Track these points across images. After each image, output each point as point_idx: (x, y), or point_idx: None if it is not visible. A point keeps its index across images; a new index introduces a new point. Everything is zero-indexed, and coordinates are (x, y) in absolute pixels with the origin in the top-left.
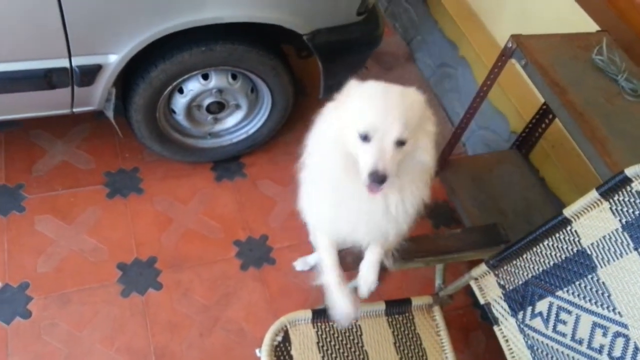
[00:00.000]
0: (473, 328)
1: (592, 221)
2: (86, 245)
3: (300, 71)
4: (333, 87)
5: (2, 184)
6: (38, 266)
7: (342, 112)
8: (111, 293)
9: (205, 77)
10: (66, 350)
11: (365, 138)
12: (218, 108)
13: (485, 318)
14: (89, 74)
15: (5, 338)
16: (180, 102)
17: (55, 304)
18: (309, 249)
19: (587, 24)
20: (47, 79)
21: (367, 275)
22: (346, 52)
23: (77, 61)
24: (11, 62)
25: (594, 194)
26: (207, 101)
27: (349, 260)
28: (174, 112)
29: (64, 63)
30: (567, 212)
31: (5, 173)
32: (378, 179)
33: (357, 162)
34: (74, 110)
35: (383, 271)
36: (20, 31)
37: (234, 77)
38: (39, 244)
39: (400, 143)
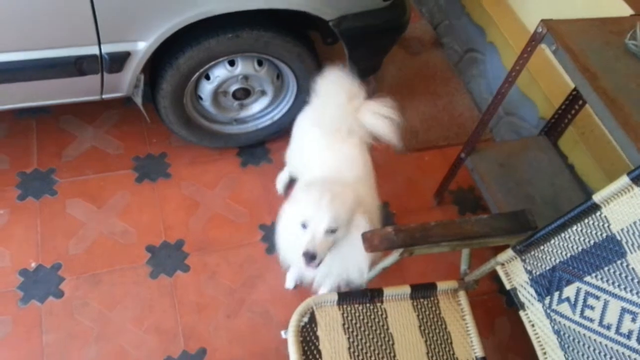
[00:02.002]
0: (498, 314)
1: (623, 207)
2: (116, 228)
3: (326, 57)
4: (359, 73)
5: (34, 169)
6: (70, 248)
7: (293, 209)
8: (140, 274)
9: (232, 63)
10: (97, 329)
11: (303, 226)
12: (244, 94)
13: (510, 304)
14: (118, 60)
15: (39, 316)
16: (206, 89)
17: (87, 285)
18: None
19: (620, 8)
20: (77, 66)
21: None
22: (372, 38)
23: (107, 48)
24: (43, 50)
25: (625, 180)
26: (233, 87)
27: (376, 242)
28: (200, 98)
29: (93, 50)
30: (597, 197)
31: (37, 158)
32: (309, 258)
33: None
34: (104, 96)
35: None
36: (52, 20)
37: (260, 63)
38: (71, 227)
39: (331, 231)
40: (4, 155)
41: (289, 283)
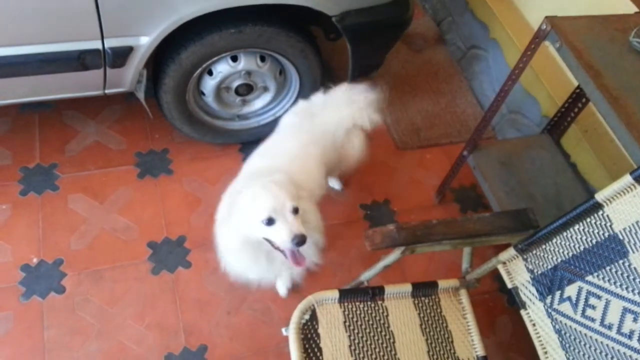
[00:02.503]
0: (499, 313)
1: (625, 206)
2: (117, 224)
3: (328, 54)
4: (361, 69)
5: (37, 164)
6: (71, 243)
7: (236, 218)
8: (142, 271)
9: (235, 59)
10: (98, 325)
11: (269, 222)
12: (246, 90)
13: (511, 303)
14: (121, 55)
15: (40, 312)
16: (209, 84)
17: (88, 280)
18: None
19: (624, 5)
20: (80, 61)
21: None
22: (375, 34)
23: (110, 43)
24: (46, 44)
25: (627, 179)
26: (235, 83)
27: (377, 240)
28: (203, 94)
29: (96, 45)
30: (599, 196)
31: (39, 153)
32: (300, 241)
33: (262, 244)
34: (106, 91)
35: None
36: (55, 14)
37: (263, 59)
38: (72, 222)
39: (296, 210)
40: (6, 150)
41: (282, 290)
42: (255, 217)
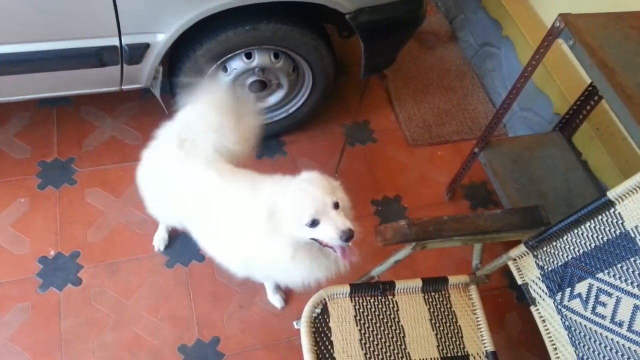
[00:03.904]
0: (509, 309)
1: (637, 204)
2: (133, 217)
3: (341, 51)
4: (374, 67)
5: (55, 158)
6: (88, 236)
7: (280, 228)
8: (156, 264)
9: (249, 56)
10: (114, 316)
11: (314, 223)
12: (260, 87)
13: (521, 300)
14: (138, 52)
15: (57, 303)
16: (223, 81)
17: (104, 273)
18: None
19: (639, 3)
20: (98, 57)
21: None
22: (388, 32)
23: (127, 40)
24: (65, 41)
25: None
26: (249, 80)
27: (389, 235)
28: None
29: (114, 42)
30: (611, 194)
31: (57, 147)
32: (349, 236)
33: (313, 243)
34: (123, 87)
35: None
36: (74, 11)
37: (276, 56)
38: (89, 216)
39: (337, 205)
40: (25, 145)
41: (277, 303)
42: (299, 221)
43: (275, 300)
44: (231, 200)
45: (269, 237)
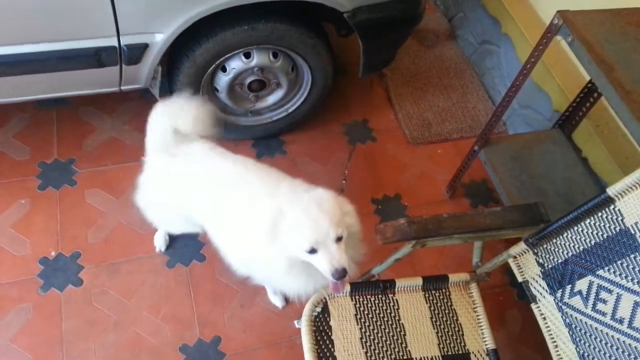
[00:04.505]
0: (509, 307)
1: (637, 200)
2: (133, 218)
3: (340, 50)
4: (373, 66)
5: (55, 159)
6: (89, 237)
7: (279, 242)
8: (157, 264)
9: (247, 55)
10: (115, 316)
11: (312, 251)
12: (259, 86)
13: (521, 297)
14: (137, 52)
15: (59, 304)
16: (223, 80)
17: (105, 273)
18: None
19: None
20: (97, 58)
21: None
22: (387, 30)
23: (126, 40)
24: (63, 42)
25: (639, 173)
26: (248, 79)
27: (389, 234)
28: (216, 90)
29: (113, 42)
30: (611, 190)
31: (57, 148)
32: (341, 276)
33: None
34: (122, 88)
35: None
36: (73, 12)
37: (275, 55)
38: (90, 216)
39: (339, 239)
40: (25, 146)
41: (278, 303)
42: (298, 245)
43: (276, 301)
44: (243, 196)
45: (268, 244)
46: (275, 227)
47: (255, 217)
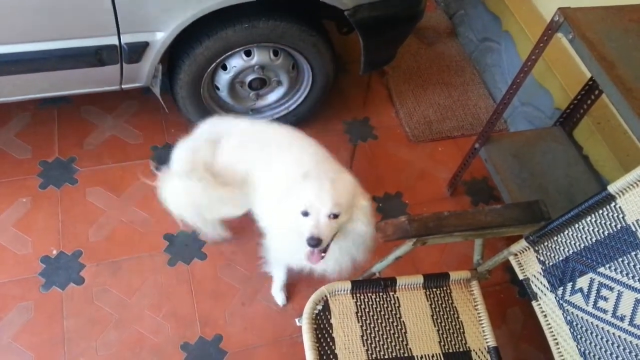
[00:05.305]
0: (510, 304)
1: (638, 198)
2: (135, 216)
3: (341, 47)
4: (374, 63)
5: (56, 158)
6: (90, 235)
7: (287, 200)
8: (158, 262)
9: (248, 53)
10: (116, 315)
11: (305, 214)
12: (260, 84)
13: (522, 295)
14: (137, 51)
15: (60, 302)
16: (223, 79)
17: (107, 272)
18: None
19: None
20: (97, 56)
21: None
22: (388, 28)
23: (126, 39)
24: (64, 41)
25: None
26: (249, 77)
27: (389, 231)
28: (217, 88)
29: (113, 41)
30: (612, 188)
31: (58, 147)
32: (314, 242)
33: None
34: (123, 86)
35: None
36: (73, 10)
37: (276, 53)
38: (91, 215)
39: (334, 216)
40: (26, 144)
41: (280, 299)
42: (297, 204)
43: (278, 297)
44: (280, 162)
45: (278, 203)
46: (292, 187)
47: (278, 181)
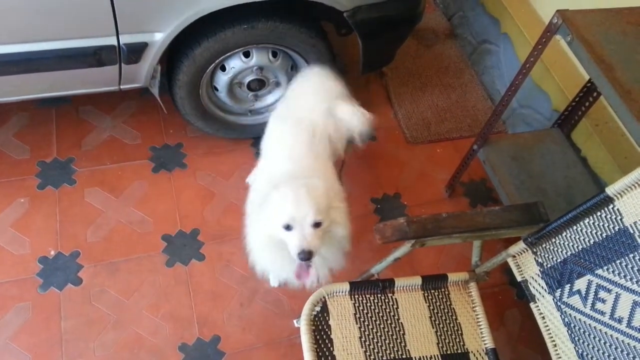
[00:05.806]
0: (508, 306)
1: (636, 200)
2: (133, 217)
3: (340, 49)
4: (373, 65)
5: (54, 158)
6: (88, 236)
7: (264, 216)
8: (156, 263)
9: (247, 54)
10: (114, 315)
11: (288, 228)
12: (259, 85)
13: (521, 296)
14: (136, 51)
15: (58, 303)
16: (222, 80)
17: (105, 272)
18: None
19: None
20: (96, 57)
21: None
22: (386, 29)
23: (125, 39)
24: (62, 41)
25: (638, 173)
26: (248, 78)
27: (388, 233)
28: (216, 89)
29: (112, 41)
30: (610, 190)
31: (56, 147)
32: (304, 257)
33: (285, 244)
34: (121, 87)
35: None
36: (71, 11)
37: (275, 54)
38: (89, 215)
39: (317, 224)
40: (24, 145)
41: (273, 281)
42: (277, 219)
43: (272, 278)
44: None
45: (254, 217)
46: (264, 200)
47: (261, 185)
